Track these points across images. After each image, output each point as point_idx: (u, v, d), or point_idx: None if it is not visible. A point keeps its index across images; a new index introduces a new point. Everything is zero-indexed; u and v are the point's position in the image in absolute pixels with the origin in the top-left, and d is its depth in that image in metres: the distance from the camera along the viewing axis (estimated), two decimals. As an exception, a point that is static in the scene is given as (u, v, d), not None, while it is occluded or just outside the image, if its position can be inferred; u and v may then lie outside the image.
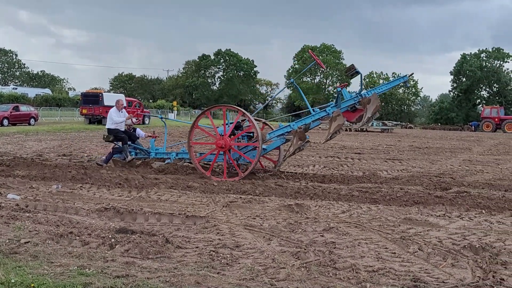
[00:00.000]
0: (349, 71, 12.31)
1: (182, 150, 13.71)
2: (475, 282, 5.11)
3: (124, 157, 13.82)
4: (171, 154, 13.64)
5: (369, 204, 9.19)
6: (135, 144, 14.14)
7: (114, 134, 13.78)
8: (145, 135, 15.29)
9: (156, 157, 13.81)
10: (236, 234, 6.84)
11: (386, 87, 13.11)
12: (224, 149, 11.99)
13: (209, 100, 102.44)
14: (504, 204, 9.30)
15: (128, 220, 7.58)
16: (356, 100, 12.14)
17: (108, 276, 4.94)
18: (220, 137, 12.03)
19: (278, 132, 12.52)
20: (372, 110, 11.83)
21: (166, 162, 13.35)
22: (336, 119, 11.93)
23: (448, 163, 17.47)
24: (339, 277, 5.17)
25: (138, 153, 14.05)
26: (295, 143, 12.02)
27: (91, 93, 43.89)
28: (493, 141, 33.59)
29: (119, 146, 14.12)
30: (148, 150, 13.93)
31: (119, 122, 13.80)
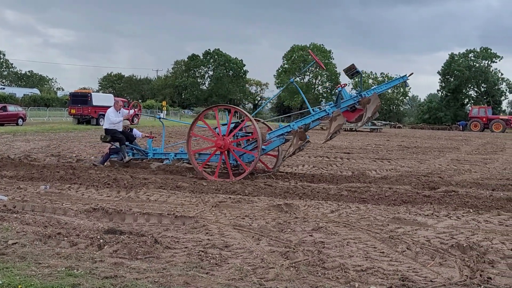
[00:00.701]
0: (350, 71, 12.25)
1: (180, 151, 13.59)
2: (462, 281, 5.15)
3: (121, 158, 13.74)
4: (169, 154, 13.52)
5: (358, 204, 9.22)
6: (133, 145, 14.04)
7: (112, 134, 13.66)
8: (142, 136, 15.20)
9: (153, 158, 13.68)
10: (225, 234, 6.84)
11: (386, 86, 13.11)
12: (223, 150, 11.92)
13: (198, 100, 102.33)
14: (492, 203, 9.37)
15: (116, 220, 7.55)
16: (355, 100, 12.12)
17: (96, 277, 4.92)
18: (220, 138, 11.96)
19: (277, 132, 12.46)
20: (373, 110, 11.82)
21: (165, 163, 13.24)
22: (336, 119, 11.91)
23: (437, 163, 17.57)
24: (328, 276, 5.19)
25: (135, 153, 13.92)
26: (295, 143, 11.98)
27: (80, 93, 43.70)
28: (481, 141, 33.83)
29: (116, 147, 14.01)
30: (146, 151, 13.81)
31: (116, 122, 13.69)
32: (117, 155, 14.12)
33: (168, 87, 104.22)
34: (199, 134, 13.50)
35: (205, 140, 13.85)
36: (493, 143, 31.42)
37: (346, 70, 12.35)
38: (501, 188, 11.42)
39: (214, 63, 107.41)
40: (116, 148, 14.07)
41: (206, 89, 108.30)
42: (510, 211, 8.72)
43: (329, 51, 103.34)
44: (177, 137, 26.22)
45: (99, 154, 17.25)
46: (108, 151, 14.36)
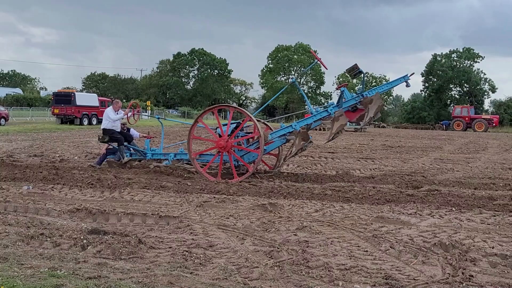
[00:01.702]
0: (353, 71, 12.19)
1: (180, 151, 13.45)
2: (445, 279, 5.20)
3: (118, 158, 13.62)
4: (169, 155, 13.35)
5: (342, 203, 9.26)
6: (131, 145, 13.90)
7: (110, 134, 13.47)
8: (139, 136, 15.06)
9: (152, 158, 13.52)
10: (210, 234, 6.84)
11: (387, 86, 13.11)
12: (225, 150, 11.86)
13: (183, 99, 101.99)
14: (474, 201, 9.47)
15: (100, 220, 7.51)
16: (357, 100, 12.08)
17: (80, 278, 4.89)
18: (223, 138, 11.89)
19: (279, 132, 12.35)
20: (375, 110, 11.84)
21: (164, 164, 13.08)
22: (338, 119, 11.89)
23: (420, 162, 17.70)
24: (312, 275, 5.21)
25: (133, 154, 13.74)
26: (298, 144, 11.91)
27: (63, 93, 43.41)
28: (464, 140, 34.14)
29: (113, 147, 13.87)
30: (144, 151, 13.64)
31: (115, 120, 13.54)
32: (114, 155, 13.98)
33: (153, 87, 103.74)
34: (200, 136, 13.36)
35: (206, 140, 13.73)
36: (476, 142, 31.72)
37: (349, 70, 12.27)
38: (483, 187, 11.54)
39: (199, 62, 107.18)
40: (113, 148, 13.92)
41: (190, 88, 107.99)
42: (492, 209, 8.83)
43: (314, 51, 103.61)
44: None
45: (82, 154, 17.14)
46: (105, 151, 14.19)
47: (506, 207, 8.97)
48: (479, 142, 32.15)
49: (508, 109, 75.28)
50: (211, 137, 12.96)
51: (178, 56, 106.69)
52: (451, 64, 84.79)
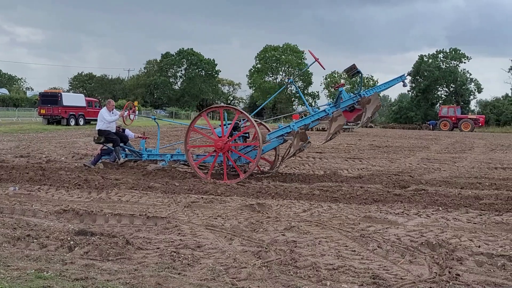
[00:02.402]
0: (351, 71, 12.13)
1: (177, 152, 13.34)
2: (432, 278, 5.23)
3: (113, 159, 13.52)
4: (165, 156, 13.21)
5: (330, 203, 9.29)
6: (126, 146, 13.80)
7: (105, 135, 13.34)
8: (134, 136, 14.93)
9: (148, 159, 13.39)
10: (198, 234, 6.83)
11: (385, 86, 13.12)
12: (223, 151, 11.78)
13: (170, 99, 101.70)
14: (460, 201, 9.54)
15: (87, 221, 7.48)
16: (355, 100, 12.05)
17: (66, 279, 4.87)
18: (219, 139, 11.82)
19: (277, 133, 12.28)
20: (372, 110, 11.84)
21: (161, 165, 12.96)
22: (336, 119, 11.87)
23: (407, 162, 17.80)
24: (300, 275, 5.22)
25: (128, 154, 13.60)
26: (296, 144, 11.86)
27: (50, 93, 43.12)
28: (450, 140, 34.37)
29: (108, 147, 13.76)
30: (140, 152, 13.48)
31: (111, 121, 13.44)
32: (109, 156, 13.88)
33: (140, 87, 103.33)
34: (198, 136, 13.27)
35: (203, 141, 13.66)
36: (462, 142, 31.95)
37: (347, 70, 12.20)
38: (470, 186, 11.62)
39: (187, 62, 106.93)
40: (108, 149, 13.81)
41: (178, 88, 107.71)
42: (478, 209, 8.89)
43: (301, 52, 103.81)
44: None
45: (69, 154, 17.04)
46: (100, 152, 14.09)
47: (492, 207, 9.04)
48: (465, 142, 32.38)
49: (494, 109, 75.89)
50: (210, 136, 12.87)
51: (165, 56, 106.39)
52: (437, 65, 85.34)
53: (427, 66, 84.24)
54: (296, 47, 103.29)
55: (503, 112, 74.38)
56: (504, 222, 7.84)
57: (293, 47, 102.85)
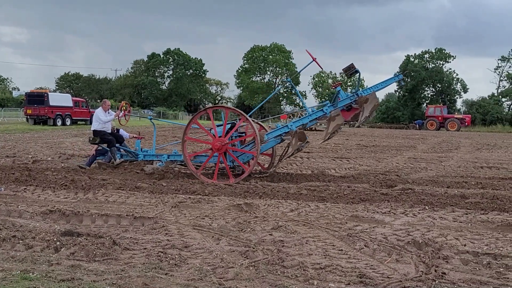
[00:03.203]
0: (349, 70, 12.07)
1: (174, 152, 13.20)
2: (418, 276, 5.26)
3: (109, 160, 13.41)
4: (162, 156, 13.05)
5: (317, 202, 9.31)
6: (122, 146, 13.69)
7: (101, 136, 13.20)
8: (129, 136, 14.80)
9: (144, 160, 13.22)
10: (185, 234, 6.82)
11: (382, 85, 13.14)
12: (221, 151, 11.70)
13: (158, 99, 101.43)
14: (446, 200, 9.60)
15: (74, 222, 7.44)
16: (352, 99, 12.02)
17: (52, 280, 4.84)
18: (216, 139, 11.73)
19: (275, 133, 12.22)
20: (370, 109, 11.84)
21: (158, 165, 12.81)
22: (335, 118, 11.85)
23: (394, 161, 17.88)
24: (287, 275, 5.23)
25: (124, 155, 13.43)
26: (294, 144, 11.84)
27: (36, 93, 42.78)
28: (437, 139, 34.58)
29: (102, 148, 13.63)
30: (136, 152, 13.30)
31: (106, 121, 13.33)
32: (104, 156, 13.77)
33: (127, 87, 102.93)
34: (194, 137, 13.14)
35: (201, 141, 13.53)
36: (448, 141, 32.16)
37: (346, 69, 12.13)
38: (456, 185, 11.71)
39: (174, 62, 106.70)
40: (102, 149, 13.69)
41: (166, 88, 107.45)
42: (464, 207, 8.96)
43: (289, 51, 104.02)
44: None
45: (56, 155, 16.93)
46: (94, 152, 13.97)
47: (477, 205, 9.11)
48: (451, 141, 32.60)
49: (480, 108, 76.51)
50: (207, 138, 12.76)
51: (152, 56, 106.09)
52: (424, 65, 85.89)
53: (414, 66, 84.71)
54: (284, 46, 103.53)
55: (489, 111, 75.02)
56: (490, 221, 7.90)
57: (280, 47, 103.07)
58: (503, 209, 8.88)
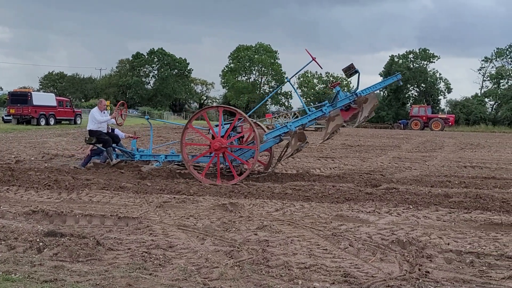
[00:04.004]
0: (349, 70, 11.97)
1: (171, 152, 13.10)
2: (402, 275, 5.29)
3: (104, 160, 13.28)
4: (159, 156, 12.88)
5: (302, 202, 9.32)
6: (118, 146, 13.50)
7: (97, 136, 13.06)
8: (125, 136, 14.63)
9: (141, 160, 13.07)
10: (170, 234, 6.79)
11: (380, 85, 13.12)
12: (219, 152, 11.58)
13: (143, 99, 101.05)
14: (430, 199, 9.66)
15: (57, 222, 7.37)
16: (351, 99, 11.99)
17: (35, 281, 4.79)
18: (216, 139, 11.61)
19: (274, 133, 12.16)
20: (369, 110, 11.82)
21: (155, 166, 12.68)
22: (334, 119, 11.82)
23: (379, 161, 17.97)
24: (272, 274, 5.23)
25: (120, 155, 13.24)
26: (294, 144, 11.79)
27: (19, 92, 42.34)
28: (421, 139, 34.82)
29: (98, 148, 13.48)
30: (132, 152, 13.11)
31: (102, 122, 13.18)
32: (99, 156, 13.63)
33: (112, 87, 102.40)
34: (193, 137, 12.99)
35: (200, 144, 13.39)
36: (432, 141, 32.39)
37: (346, 70, 12.02)
38: (439, 184, 11.80)
39: (159, 62, 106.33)
40: (97, 149, 13.54)
41: (151, 88, 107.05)
42: (448, 206, 9.02)
43: (275, 51, 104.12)
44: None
45: (39, 155, 16.78)
46: (90, 153, 13.82)
47: (461, 204, 9.18)
48: (435, 141, 32.84)
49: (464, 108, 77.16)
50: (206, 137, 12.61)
51: (137, 56, 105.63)
52: (408, 65, 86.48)
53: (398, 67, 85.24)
54: (269, 46, 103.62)
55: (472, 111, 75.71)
56: (473, 220, 7.97)
57: (266, 47, 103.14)
58: (486, 208, 8.96)
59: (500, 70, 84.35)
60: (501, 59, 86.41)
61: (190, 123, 11.97)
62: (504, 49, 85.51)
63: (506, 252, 6.19)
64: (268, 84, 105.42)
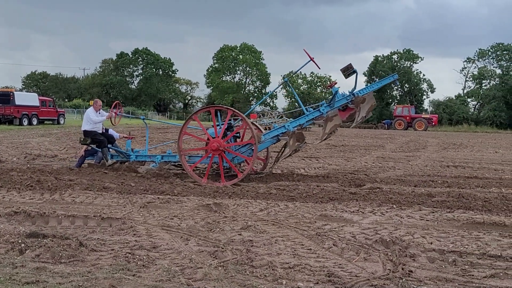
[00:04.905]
0: (347, 70, 11.91)
1: (168, 153, 13.00)
2: (385, 274, 5.31)
3: (99, 160, 13.16)
4: (155, 157, 12.76)
5: (287, 202, 9.33)
6: (113, 147, 13.37)
7: (92, 136, 12.94)
8: (119, 136, 14.51)
9: (136, 160, 12.97)
10: (153, 235, 6.75)
11: (377, 85, 13.13)
12: (217, 152, 11.53)
13: (127, 99, 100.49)
14: (413, 198, 9.72)
15: (40, 223, 7.30)
16: (349, 99, 12.00)
17: (17, 283, 4.74)
18: (213, 140, 11.53)
19: (272, 133, 12.13)
20: (367, 110, 11.79)
21: (152, 166, 12.56)
22: (332, 119, 11.82)
23: (363, 160, 18.05)
24: (256, 274, 5.22)
25: (114, 155, 13.14)
26: (292, 145, 11.76)
27: (1, 92, 41.90)
28: (405, 139, 35.04)
29: (92, 148, 13.33)
30: (128, 153, 13.02)
31: (97, 122, 13.04)
32: (93, 157, 13.50)
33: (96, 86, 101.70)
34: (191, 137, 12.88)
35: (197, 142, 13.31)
36: (416, 141, 32.60)
37: (344, 70, 11.95)
38: (423, 184, 11.88)
39: (143, 62, 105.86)
40: (92, 150, 13.40)
41: (135, 88, 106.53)
42: (431, 206, 9.08)
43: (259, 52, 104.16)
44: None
45: (21, 155, 16.61)
46: (83, 153, 13.68)
47: (444, 204, 9.25)
48: (419, 140, 33.06)
49: (447, 108, 77.91)
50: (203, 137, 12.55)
51: (121, 55, 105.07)
52: (392, 65, 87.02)
53: (382, 67, 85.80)
54: (254, 46, 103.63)
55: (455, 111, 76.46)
56: (455, 219, 8.03)
57: (250, 47, 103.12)
58: (468, 207, 9.04)
59: (482, 70, 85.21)
60: (483, 60, 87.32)
61: (185, 126, 11.95)
62: (486, 50, 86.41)
63: (488, 251, 6.24)
64: (253, 84, 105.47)
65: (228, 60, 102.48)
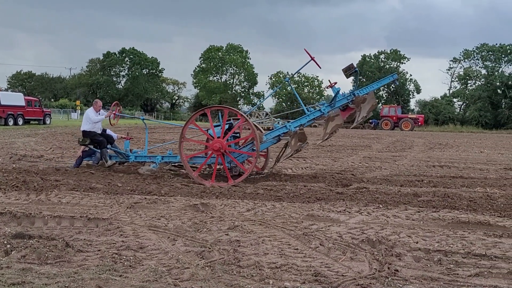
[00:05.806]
0: (349, 70, 11.94)
1: (168, 153, 12.92)
2: (372, 274, 5.35)
3: (97, 161, 13.05)
4: (155, 157, 12.64)
5: (274, 202, 9.35)
6: (113, 147, 13.24)
7: (91, 137, 12.83)
8: (118, 137, 14.36)
9: (136, 161, 12.86)
10: (140, 235, 6.74)
11: (377, 85, 13.15)
12: (219, 153, 11.48)
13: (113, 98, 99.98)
14: (400, 198, 9.79)
15: (25, 224, 7.26)
16: (349, 99, 11.99)
17: (2, 284, 4.71)
18: (215, 140, 11.49)
19: (274, 133, 12.09)
20: (368, 109, 11.76)
21: (152, 167, 12.44)
22: (334, 119, 11.79)
23: (350, 160, 18.12)
24: (243, 274, 5.24)
25: (113, 156, 13.01)
26: (293, 145, 11.73)
27: (-14, 92, 41.63)
28: (391, 139, 35.23)
29: (90, 148, 13.22)
30: (127, 154, 12.90)
31: (96, 121, 12.94)
32: (91, 157, 13.39)
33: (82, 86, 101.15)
34: (191, 138, 12.81)
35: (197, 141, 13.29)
36: (402, 141, 32.79)
37: (345, 70, 11.99)
38: (409, 184, 11.96)
39: (130, 61, 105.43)
40: (90, 150, 13.29)
41: (122, 88, 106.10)
42: (417, 206, 9.15)
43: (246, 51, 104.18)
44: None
45: (7, 156, 16.48)
46: (81, 154, 13.55)
47: (429, 203, 9.32)
48: (405, 140, 33.26)
49: (433, 108, 78.40)
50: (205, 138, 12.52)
51: (108, 55, 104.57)
52: (379, 65, 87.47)
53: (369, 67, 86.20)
54: (240, 46, 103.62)
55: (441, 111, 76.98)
56: (441, 218, 8.10)
57: (236, 47, 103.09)
58: (454, 206, 9.12)
59: (468, 71, 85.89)
60: (468, 60, 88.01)
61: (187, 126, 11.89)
62: (471, 51, 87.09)
63: (472, 250, 6.31)
64: (240, 85, 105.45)
65: (215, 60, 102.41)
